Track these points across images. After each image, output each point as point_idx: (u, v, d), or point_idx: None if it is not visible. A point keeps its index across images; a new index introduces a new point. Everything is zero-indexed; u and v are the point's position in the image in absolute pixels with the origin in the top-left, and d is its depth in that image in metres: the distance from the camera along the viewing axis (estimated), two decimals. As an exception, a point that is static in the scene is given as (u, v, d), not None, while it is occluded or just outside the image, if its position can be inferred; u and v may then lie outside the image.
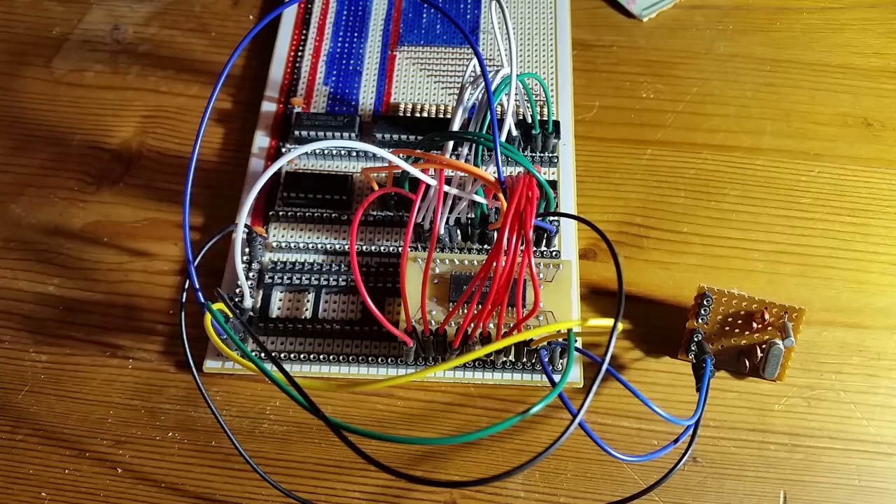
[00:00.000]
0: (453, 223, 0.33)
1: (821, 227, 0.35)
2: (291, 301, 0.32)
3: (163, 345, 0.32)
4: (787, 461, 0.30)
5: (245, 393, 0.31)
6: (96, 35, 0.42)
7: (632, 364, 0.32)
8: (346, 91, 0.38)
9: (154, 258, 0.34)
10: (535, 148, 0.35)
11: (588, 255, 0.34)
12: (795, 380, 0.31)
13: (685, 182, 0.36)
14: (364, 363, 0.31)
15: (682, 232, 0.35)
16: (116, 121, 0.38)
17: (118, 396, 0.31)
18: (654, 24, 0.42)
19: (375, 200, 0.34)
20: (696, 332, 0.31)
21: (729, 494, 0.29)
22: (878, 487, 0.29)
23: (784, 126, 0.38)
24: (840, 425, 0.30)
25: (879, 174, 0.36)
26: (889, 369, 0.31)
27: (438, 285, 0.31)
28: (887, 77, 0.39)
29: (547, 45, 0.40)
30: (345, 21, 0.41)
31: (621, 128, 0.38)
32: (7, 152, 0.38)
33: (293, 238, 0.34)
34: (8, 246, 0.35)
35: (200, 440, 0.30)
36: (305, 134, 0.36)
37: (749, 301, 0.30)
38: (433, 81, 0.39)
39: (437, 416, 0.31)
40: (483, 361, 0.31)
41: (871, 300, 0.33)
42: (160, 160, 0.37)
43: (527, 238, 0.26)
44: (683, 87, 0.39)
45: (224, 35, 0.42)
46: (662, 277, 0.34)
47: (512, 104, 0.31)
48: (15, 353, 0.32)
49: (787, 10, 0.42)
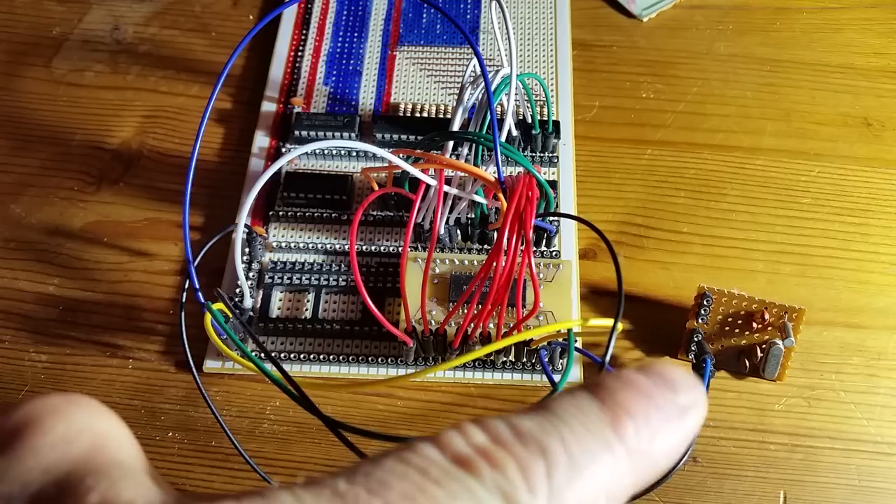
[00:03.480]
0: (453, 223, 0.33)
1: (821, 227, 0.35)
2: (291, 301, 0.32)
3: (163, 345, 0.32)
4: (787, 461, 0.30)
5: (245, 393, 0.31)
6: (96, 35, 0.42)
7: (632, 364, 0.32)
8: (346, 91, 0.38)
9: (154, 258, 0.34)
10: (535, 148, 0.35)
11: (588, 255, 0.34)
12: (795, 380, 0.31)
13: (685, 182, 0.36)
14: (364, 363, 0.31)
15: (682, 232, 0.35)
16: (116, 121, 0.38)
17: (118, 396, 0.31)
18: (654, 24, 0.42)
19: (375, 200, 0.34)
20: (696, 332, 0.31)
21: (729, 494, 0.29)
22: (878, 487, 0.29)
23: (784, 126, 0.38)
24: (840, 425, 0.30)
25: (879, 174, 0.36)
26: (889, 369, 0.31)
27: (438, 285, 0.31)
28: (887, 77, 0.39)
29: (547, 45, 0.40)
30: (345, 21, 0.41)
31: (621, 128, 0.38)
32: (7, 152, 0.38)
33: (293, 238, 0.34)
34: (8, 246, 0.35)
35: (200, 440, 0.30)
36: (305, 134, 0.36)
37: (749, 301, 0.30)
38: (433, 81, 0.39)
39: (437, 416, 0.31)
40: (483, 361, 0.31)
41: (871, 300, 0.33)
42: (160, 160, 0.37)
43: (527, 238, 0.26)
44: (683, 87, 0.39)
45: (224, 35, 0.42)
46: (662, 277, 0.34)
47: (512, 104, 0.31)
48: (15, 353, 0.32)
49: (787, 10, 0.42)
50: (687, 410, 0.14)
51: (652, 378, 0.14)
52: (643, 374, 0.14)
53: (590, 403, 0.13)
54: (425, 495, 0.11)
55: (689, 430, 0.14)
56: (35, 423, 0.12)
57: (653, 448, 0.13)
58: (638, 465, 0.13)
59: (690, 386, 0.14)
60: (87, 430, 0.13)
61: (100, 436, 0.13)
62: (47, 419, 0.12)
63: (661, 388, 0.14)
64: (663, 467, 0.14)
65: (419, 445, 0.12)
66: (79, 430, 0.12)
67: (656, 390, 0.14)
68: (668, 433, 0.14)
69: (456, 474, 0.12)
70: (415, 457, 0.12)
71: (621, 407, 0.13)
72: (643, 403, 0.14)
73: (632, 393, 0.14)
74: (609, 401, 0.14)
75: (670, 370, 0.14)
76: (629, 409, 0.13)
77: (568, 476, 0.12)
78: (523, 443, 0.12)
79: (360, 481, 0.12)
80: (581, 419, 0.13)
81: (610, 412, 0.13)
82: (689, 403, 0.14)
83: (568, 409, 0.13)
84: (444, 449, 0.12)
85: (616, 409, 0.13)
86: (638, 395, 0.14)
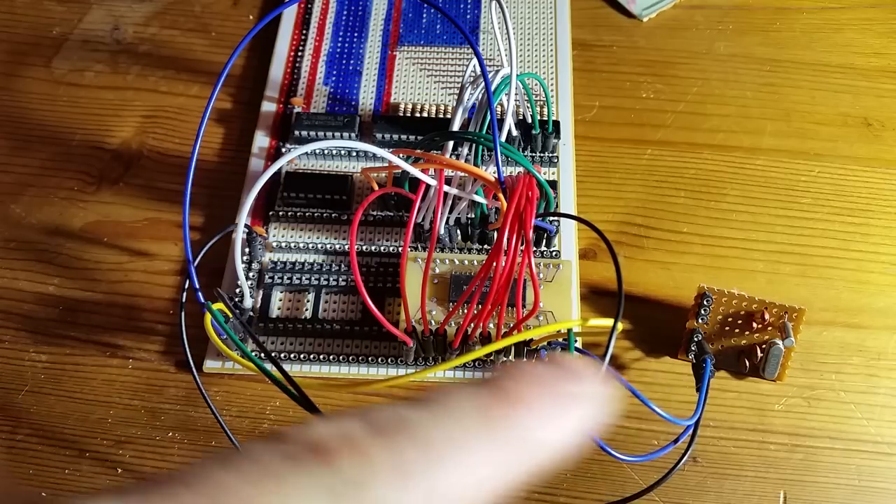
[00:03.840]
0: (453, 223, 0.33)
1: (821, 227, 0.35)
2: (291, 301, 0.32)
3: (163, 345, 0.32)
4: (787, 461, 0.30)
5: (245, 393, 0.31)
6: (96, 35, 0.42)
7: (632, 364, 0.32)
8: (346, 91, 0.38)
9: (154, 258, 0.34)
10: (535, 148, 0.35)
11: (588, 255, 0.34)
12: (795, 380, 0.31)
13: (685, 182, 0.36)
14: (364, 363, 0.31)
15: (682, 232, 0.35)
16: (116, 121, 0.38)
17: (118, 396, 0.31)
18: (654, 24, 0.42)
19: (375, 200, 0.34)
20: (696, 332, 0.31)
21: (729, 494, 0.29)
22: (878, 487, 0.29)
23: (784, 126, 0.38)
24: (840, 425, 0.30)
25: (879, 174, 0.36)
26: (889, 369, 0.31)
27: (438, 285, 0.31)
28: (887, 77, 0.39)
29: (547, 45, 0.40)
30: (345, 21, 0.41)
31: (621, 128, 0.38)
32: (7, 152, 0.38)
33: (293, 238, 0.34)
34: (8, 246, 0.35)
35: (200, 440, 0.30)
36: (305, 134, 0.36)
37: (749, 301, 0.30)
38: (433, 81, 0.39)
39: (437, 416, 0.31)
40: (483, 361, 0.31)
41: (871, 300, 0.33)
42: (160, 160, 0.37)
43: (527, 238, 0.26)
44: (683, 87, 0.39)
45: (224, 35, 0.42)
46: (662, 277, 0.34)
47: (512, 104, 0.31)
48: (15, 353, 0.32)
49: (787, 10, 0.42)
50: (579, 398, 0.14)
51: (547, 367, 0.14)
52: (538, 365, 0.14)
53: (473, 391, 0.13)
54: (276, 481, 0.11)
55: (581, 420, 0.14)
56: None
57: (540, 436, 0.13)
58: (524, 452, 0.13)
59: (585, 376, 0.14)
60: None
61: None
62: None
63: (554, 376, 0.14)
64: (553, 456, 0.13)
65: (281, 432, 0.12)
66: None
67: (547, 378, 0.14)
68: (557, 420, 0.13)
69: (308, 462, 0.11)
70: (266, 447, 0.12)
71: (505, 392, 0.13)
72: (530, 390, 0.13)
73: (518, 381, 0.13)
74: (493, 387, 0.13)
75: (568, 360, 0.14)
76: (514, 395, 0.13)
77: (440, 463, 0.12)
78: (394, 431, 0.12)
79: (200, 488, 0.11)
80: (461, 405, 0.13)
81: (492, 398, 0.13)
82: (581, 392, 0.14)
83: (450, 397, 0.13)
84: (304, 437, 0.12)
85: (499, 394, 0.13)
86: (524, 383, 0.13)
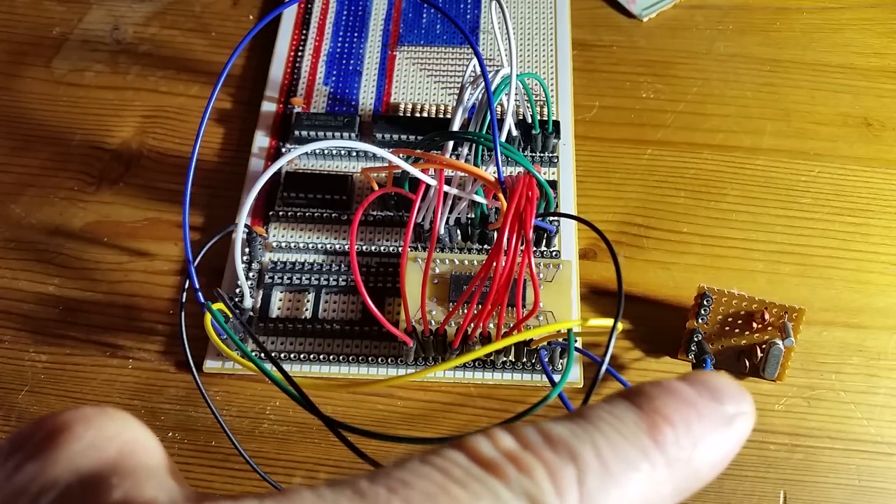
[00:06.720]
0: (453, 223, 0.33)
1: (821, 227, 0.35)
2: (291, 301, 0.32)
3: (163, 345, 0.32)
4: (787, 461, 0.30)
5: (245, 393, 0.31)
6: (96, 35, 0.42)
7: (632, 364, 0.32)
8: (346, 91, 0.38)
9: (154, 258, 0.34)
10: (535, 148, 0.35)
11: (588, 255, 0.34)
12: (795, 380, 0.31)
13: (685, 182, 0.36)
14: (364, 363, 0.31)
15: (682, 232, 0.35)
16: (116, 121, 0.38)
17: (118, 396, 0.31)
18: (654, 24, 0.42)
19: (375, 200, 0.34)
20: (696, 332, 0.31)
21: (729, 494, 0.29)
22: (878, 487, 0.29)
23: (784, 126, 0.38)
24: (840, 425, 0.30)
25: (879, 174, 0.36)
26: (889, 369, 0.31)
27: (438, 285, 0.31)
28: (887, 77, 0.39)
29: (547, 45, 0.40)
30: (345, 21, 0.41)
31: (621, 128, 0.38)
32: (7, 152, 0.38)
33: (293, 238, 0.34)
34: (8, 246, 0.35)
35: (200, 440, 0.30)
36: (305, 134, 0.36)
37: (749, 301, 0.30)
38: (433, 81, 0.39)
39: (437, 416, 0.31)
40: (483, 361, 0.31)
41: (871, 300, 0.33)
42: (160, 160, 0.37)
43: (527, 238, 0.26)
44: (683, 87, 0.39)
45: (224, 35, 0.42)
46: (662, 277, 0.34)
47: (512, 104, 0.31)
48: (15, 353, 0.32)
49: (787, 10, 0.42)
50: (733, 419, 0.14)
51: (695, 386, 0.14)
52: (685, 383, 0.14)
53: (626, 410, 0.13)
54: (447, 495, 0.11)
55: (735, 440, 0.14)
56: (68, 429, 0.13)
57: (694, 457, 0.13)
58: (678, 474, 0.13)
59: (736, 394, 0.14)
60: (115, 437, 0.13)
61: (127, 442, 0.13)
62: (79, 426, 0.13)
63: (705, 396, 0.13)
64: (707, 477, 0.13)
65: (444, 449, 0.12)
66: (108, 437, 0.13)
67: (699, 398, 0.13)
68: (712, 442, 0.13)
69: (480, 476, 0.12)
70: (438, 459, 0.12)
71: (660, 414, 0.13)
72: (684, 411, 0.13)
73: (672, 399, 0.13)
74: (647, 407, 0.13)
75: (715, 378, 0.14)
76: (668, 416, 0.13)
77: (601, 483, 0.12)
78: (553, 447, 0.12)
79: (382, 481, 0.11)
80: (616, 425, 0.13)
81: (648, 419, 0.13)
82: (735, 412, 0.14)
83: (602, 415, 0.13)
84: (469, 452, 0.12)
85: (654, 415, 0.13)
86: (678, 403, 0.13)
